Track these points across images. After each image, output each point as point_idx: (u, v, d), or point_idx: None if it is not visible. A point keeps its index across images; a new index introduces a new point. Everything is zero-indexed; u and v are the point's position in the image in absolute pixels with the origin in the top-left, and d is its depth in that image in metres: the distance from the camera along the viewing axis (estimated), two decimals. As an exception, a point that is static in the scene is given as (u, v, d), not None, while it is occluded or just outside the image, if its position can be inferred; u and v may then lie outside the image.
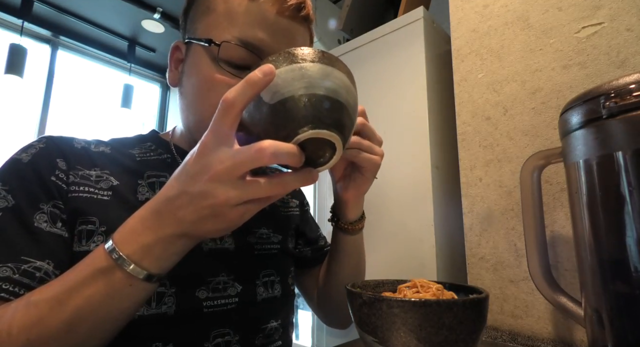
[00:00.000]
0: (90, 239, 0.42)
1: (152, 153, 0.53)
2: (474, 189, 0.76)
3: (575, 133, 0.44)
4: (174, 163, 0.53)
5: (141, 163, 0.51)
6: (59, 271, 0.39)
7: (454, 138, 0.82)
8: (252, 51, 0.45)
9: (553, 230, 0.63)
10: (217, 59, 0.45)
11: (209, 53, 0.46)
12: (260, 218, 0.58)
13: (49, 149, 0.45)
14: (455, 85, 0.83)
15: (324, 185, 1.41)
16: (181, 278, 0.46)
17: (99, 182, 0.46)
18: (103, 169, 0.47)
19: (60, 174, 0.43)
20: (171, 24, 2.58)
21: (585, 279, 0.44)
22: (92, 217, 0.43)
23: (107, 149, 0.50)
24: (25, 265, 0.38)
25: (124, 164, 0.49)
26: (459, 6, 0.85)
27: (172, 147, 0.55)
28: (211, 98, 0.45)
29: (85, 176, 0.45)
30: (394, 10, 1.73)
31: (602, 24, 0.63)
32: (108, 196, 0.45)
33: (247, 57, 0.45)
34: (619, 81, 0.39)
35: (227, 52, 0.45)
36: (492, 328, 0.68)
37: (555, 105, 0.66)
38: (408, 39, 1.15)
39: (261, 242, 0.57)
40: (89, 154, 0.48)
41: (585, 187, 0.42)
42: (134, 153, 0.52)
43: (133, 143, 0.54)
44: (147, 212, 0.34)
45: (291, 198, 0.70)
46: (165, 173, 0.51)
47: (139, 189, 0.48)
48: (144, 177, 0.49)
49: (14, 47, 2.18)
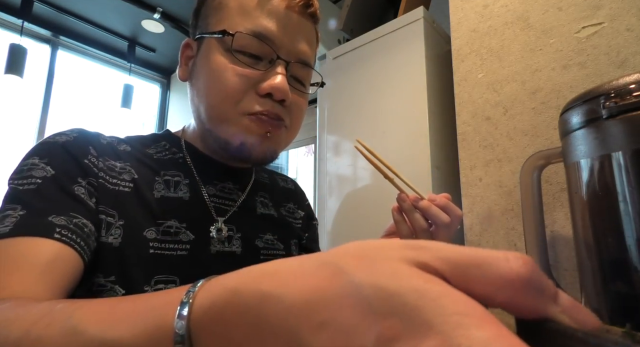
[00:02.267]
0: (109, 232, 0.43)
1: (167, 152, 0.54)
2: (474, 189, 0.76)
3: (575, 133, 0.44)
4: (185, 162, 0.55)
5: (157, 161, 0.52)
6: (94, 236, 0.41)
7: (454, 138, 0.82)
8: (263, 42, 0.47)
9: (553, 230, 0.63)
10: (230, 48, 0.47)
11: (222, 44, 0.48)
12: (268, 224, 0.59)
13: (82, 138, 0.47)
14: (455, 85, 0.83)
15: (324, 185, 1.41)
16: (187, 278, 0.46)
17: (122, 174, 0.47)
18: (126, 162, 0.49)
19: (92, 159, 0.45)
20: (171, 24, 2.58)
21: (585, 279, 0.44)
22: (112, 210, 0.44)
23: (128, 147, 0.52)
24: (76, 219, 0.39)
25: (143, 161, 0.51)
26: (459, 6, 0.85)
27: (183, 145, 0.56)
28: (223, 84, 0.47)
29: (111, 166, 0.47)
30: (394, 10, 1.73)
31: (602, 24, 0.63)
32: (130, 188, 0.46)
33: (259, 48, 0.47)
34: (619, 81, 0.39)
35: (240, 42, 0.47)
36: (492, 328, 0.68)
37: (555, 105, 0.66)
38: (408, 39, 1.15)
39: (267, 247, 0.57)
40: (113, 149, 0.49)
41: (585, 187, 0.42)
42: (151, 152, 0.53)
43: (149, 142, 0.55)
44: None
45: (297, 209, 0.69)
46: (179, 172, 0.52)
47: (155, 186, 0.49)
48: (161, 175, 0.50)
49: (14, 47, 2.18)
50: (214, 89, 0.48)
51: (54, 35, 2.61)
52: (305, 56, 0.51)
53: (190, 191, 0.51)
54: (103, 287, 0.41)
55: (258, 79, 0.47)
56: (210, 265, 0.49)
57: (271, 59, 0.48)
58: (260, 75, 0.47)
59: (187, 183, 0.51)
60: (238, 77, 0.47)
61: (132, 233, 0.44)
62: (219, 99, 0.48)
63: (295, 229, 0.66)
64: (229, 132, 0.49)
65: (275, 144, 0.51)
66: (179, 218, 0.48)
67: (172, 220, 0.47)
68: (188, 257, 0.46)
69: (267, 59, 0.48)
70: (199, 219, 0.50)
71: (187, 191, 0.51)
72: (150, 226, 0.45)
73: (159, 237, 0.45)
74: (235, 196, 0.56)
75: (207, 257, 0.49)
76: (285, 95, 0.47)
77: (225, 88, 0.47)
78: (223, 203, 0.54)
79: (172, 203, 0.48)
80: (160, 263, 0.44)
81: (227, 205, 0.54)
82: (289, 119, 0.51)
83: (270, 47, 0.47)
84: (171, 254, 0.45)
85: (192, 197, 0.51)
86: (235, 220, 0.53)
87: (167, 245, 0.45)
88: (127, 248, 0.43)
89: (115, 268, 0.42)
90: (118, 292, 0.41)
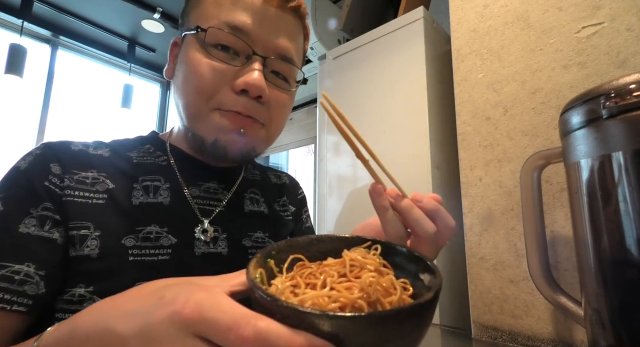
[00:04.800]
0: (84, 244, 0.42)
1: (149, 156, 0.53)
2: (474, 189, 0.76)
3: (576, 133, 0.44)
4: (168, 165, 0.53)
5: (137, 166, 0.51)
6: (43, 271, 0.40)
7: (454, 138, 0.82)
8: (238, 36, 0.46)
9: (553, 230, 0.63)
10: (204, 44, 0.46)
11: (198, 40, 0.47)
12: (257, 221, 0.58)
13: (45, 155, 0.45)
14: (455, 85, 0.83)
15: (324, 185, 1.41)
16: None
17: (95, 185, 0.46)
18: (100, 171, 0.47)
19: (53, 179, 0.44)
20: (171, 24, 2.58)
21: (585, 279, 0.44)
22: (86, 222, 0.43)
23: (106, 152, 0.51)
24: (4, 270, 0.38)
25: (120, 167, 0.50)
26: (459, 6, 0.85)
27: (167, 148, 0.55)
28: (196, 79, 0.46)
29: (80, 179, 0.46)
30: (394, 10, 1.73)
31: (602, 24, 0.63)
32: (103, 199, 0.46)
33: (235, 43, 0.46)
34: (619, 81, 0.39)
35: (214, 37, 0.46)
36: (492, 328, 0.68)
37: (555, 105, 0.66)
38: (408, 39, 1.15)
39: (256, 246, 0.56)
40: (86, 156, 0.48)
41: (585, 187, 0.42)
42: (132, 156, 0.52)
43: (132, 145, 0.54)
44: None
45: (289, 203, 0.68)
46: (160, 176, 0.51)
47: (133, 193, 0.48)
48: (139, 181, 0.49)
49: (14, 47, 2.18)
50: (189, 85, 0.47)
51: (54, 35, 2.61)
52: (285, 51, 0.49)
53: (172, 195, 0.50)
54: (83, 298, 0.41)
55: (234, 75, 0.46)
56: (195, 267, 0.48)
57: (248, 55, 0.46)
58: (236, 71, 0.46)
59: (168, 187, 0.50)
60: (212, 73, 0.45)
61: (109, 243, 0.43)
62: (193, 95, 0.47)
63: (289, 224, 0.65)
64: (202, 129, 0.48)
65: (253, 142, 0.50)
66: (159, 223, 0.47)
67: (152, 225, 0.46)
68: (171, 261, 0.46)
69: (244, 54, 0.47)
70: (182, 222, 0.49)
71: (167, 195, 0.49)
72: (129, 234, 0.44)
73: (138, 243, 0.44)
74: (221, 195, 0.55)
75: (192, 259, 0.48)
76: (260, 91, 0.46)
77: (198, 83, 0.46)
78: (207, 204, 0.53)
79: (152, 208, 0.48)
80: (141, 269, 0.44)
81: (212, 205, 0.53)
82: (267, 116, 0.49)
83: (245, 41, 0.46)
84: (152, 260, 0.44)
85: (173, 201, 0.49)
86: (222, 220, 0.52)
87: (147, 250, 0.45)
88: (105, 258, 0.42)
89: (94, 279, 0.41)
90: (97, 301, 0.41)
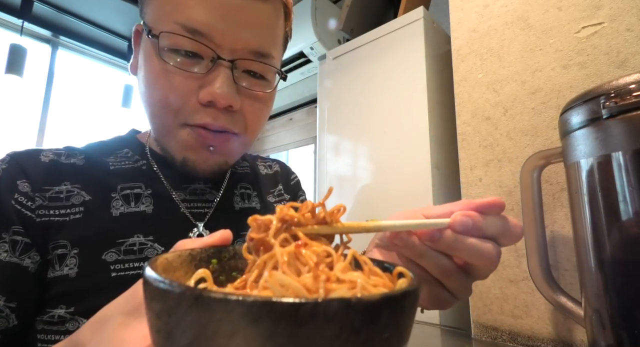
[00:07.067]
0: (63, 263, 0.39)
1: (128, 161, 0.49)
2: (474, 189, 0.76)
3: (576, 133, 0.44)
4: (149, 170, 0.49)
5: (115, 173, 0.47)
6: (14, 303, 0.37)
7: (454, 138, 0.82)
8: (198, 40, 0.39)
9: (553, 230, 0.63)
10: (158, 51, 0.40)
11: (154, 46, 0.41)
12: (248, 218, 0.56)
13: (10, 171, 0.41)
14: (455, 85, 0.83)
15: (324, 185, 1.41)
16: None
17: (70, 198, 0.42)
18: (74, 183, 0.43)
19: (20, 198, 0.40)
20: (171, 24, 2.58)
21: (585, 279, 0.44)
22: (62, 240, 0.40)
23: (80, 160, 0.46)
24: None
25: (96, 176, 0.45)
26: (459, 6, 0.85)
27: (147, 151, 0.51)
28: (158, 92, 0.41)
29: (54, 196, 0.42)
30: (394, 10, 1.73)
31: (602, 24, 0.63)
32: (80, 213, 0.42)
33: (196, 47, 0.40)
34: (619, 81, 0.39)
35: (171, 41, 0.40)
36: (492, 328, 0.68)
37: (555, 105, 0.66)
38: (408, 39, 1.15)
39: None
40: (58, 167, 0.44)
41: (585, 187, 0.42)
42: (109, 161, 0.48)
43: (109, 150, 0.50)
44: None
45: (284, 192, 0.63)
46: (140, 183, 0.47)
47: (112, 203, 0.44)
48: (117, 190, 0.45)
49: (14, 47, 2.18)
50: (151, 98, 0.42)
51: (54, 35, 2.60)
52: (258, 46, 0.42)
53: (156, 201, 0.46)
54: (64, 318, 0.38)
55: (199, 84, 0.40)
56: None
57: (213, 58, 0.40)
58: (201, 79, 0.40)
59: (150, 193, 0.46)
60: (173, 85, 0.40)
61: (89, 260, 0.40)
62: (158, 108, 0.42)
63: None
64: (170, 146, 0.44)
65: (225, 156, 0.45)
66: (143, 232, 0.43)
67: (135, 236, 0.42)
68: None
69: (209, 57, 0.40)
70: (171, 228, 0.45)
71: (150, 202, 0.46)
72: (110, 248, 0.41)
73: (120, 257, 0.41)
74: (210, 195, 0.51)
75: None
76: (229, 102, 0.40)
77: (161, 97, 0.41)
78: (197, 206, 0.49)
79: (134, 218, 0.43)
80: (125, 286, 0.41)
81: (203, 207, 0.50)
82: (241, 123, 0.44)
83: (207, 45, 0.39)
84: (137, 274, 0.40)
85: (158, 208, 0.46)
86: (215, 222, 0.49)
87: (131, 264, 0.41)
88: (85, 276, 0.39)
89: (74, 299, 0.38)
90: (80, 322, 0.38)
